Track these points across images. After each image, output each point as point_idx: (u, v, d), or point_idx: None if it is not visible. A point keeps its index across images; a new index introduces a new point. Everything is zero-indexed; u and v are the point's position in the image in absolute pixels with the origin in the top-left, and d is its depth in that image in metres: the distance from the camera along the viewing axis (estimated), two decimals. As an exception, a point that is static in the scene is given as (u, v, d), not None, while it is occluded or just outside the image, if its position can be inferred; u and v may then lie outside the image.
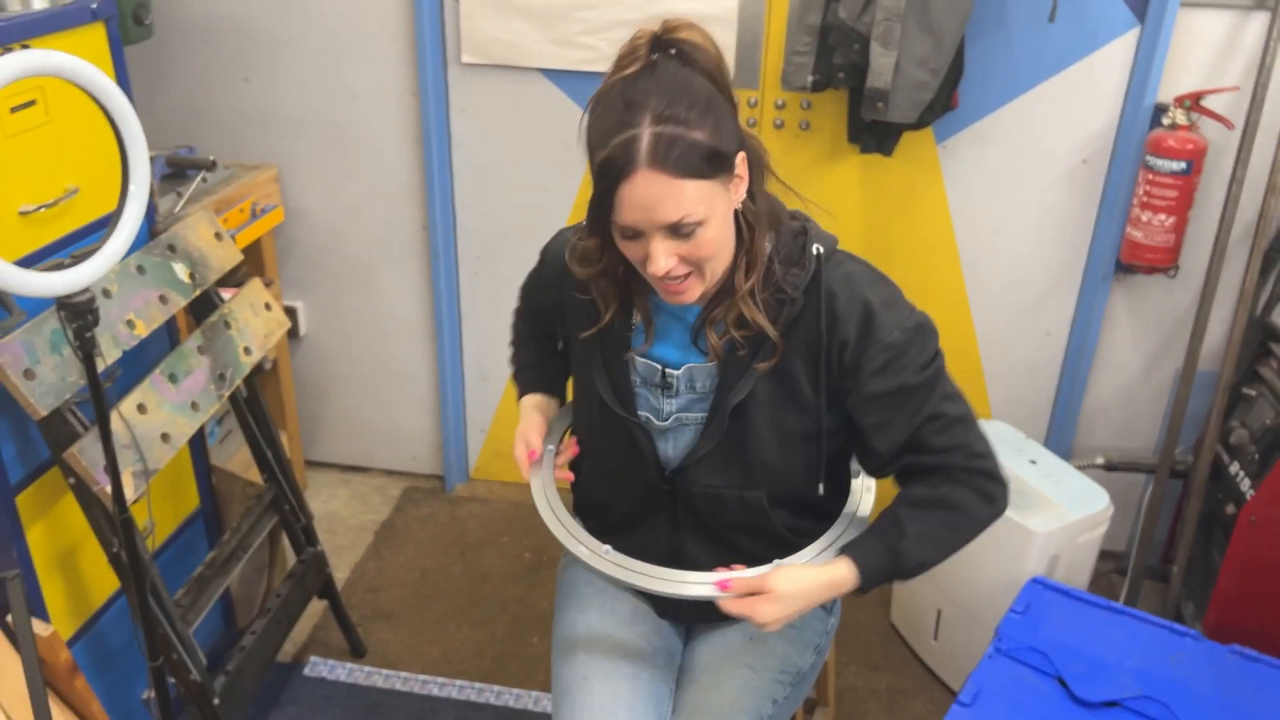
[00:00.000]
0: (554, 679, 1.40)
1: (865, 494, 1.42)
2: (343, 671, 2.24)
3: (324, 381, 2.84)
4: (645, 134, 1.11)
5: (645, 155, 1.11)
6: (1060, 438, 2.50)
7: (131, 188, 1.21)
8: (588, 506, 1.51)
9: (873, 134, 2.20)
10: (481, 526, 2.72)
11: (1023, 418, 2.49)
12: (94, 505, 1.56)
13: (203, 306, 1.90)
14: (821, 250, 1.28)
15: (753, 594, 1.21)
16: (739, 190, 1.22)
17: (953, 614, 2.16)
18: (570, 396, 1.53)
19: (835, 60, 2.12)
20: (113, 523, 1.54)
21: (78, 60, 1.12)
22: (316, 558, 2.15)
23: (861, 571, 1.24)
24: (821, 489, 1.37)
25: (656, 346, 1.34)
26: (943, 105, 2.14)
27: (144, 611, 1.52)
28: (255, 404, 2.01)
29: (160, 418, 1.64)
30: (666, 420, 1.34)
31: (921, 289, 2.42)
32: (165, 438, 1.64)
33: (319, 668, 2.25)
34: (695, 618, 1.47)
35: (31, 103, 1.53)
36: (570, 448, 1.44)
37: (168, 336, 1.92)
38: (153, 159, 2.20)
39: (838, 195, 2.37)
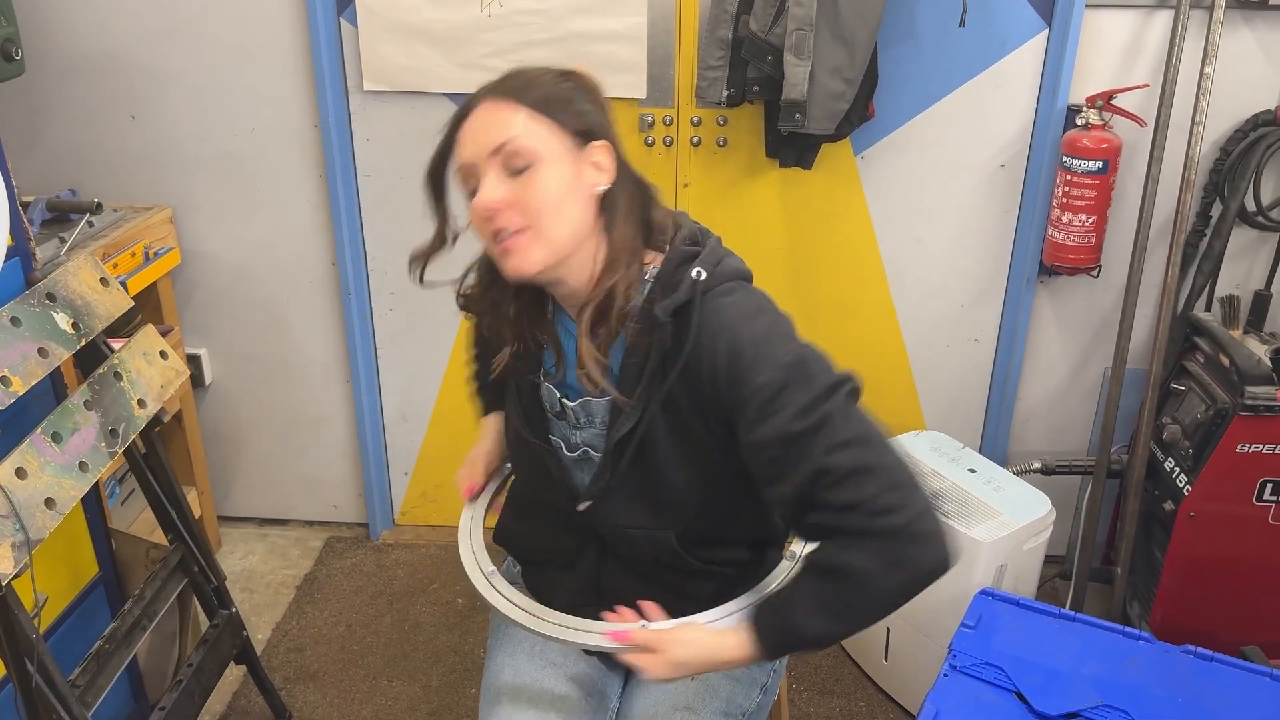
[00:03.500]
0: (483, 731, 1.30)
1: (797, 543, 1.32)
2: (266, 741, 2.10)
3: (234, 431, 2.68)
4: (492, 82, 1.16)
5: (487, 90, 1.14)
6: (994, 444, 2.48)
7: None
8: (508, 533, 1.44)
9: (791, 147, 2.16)
10: (410, 574, 2.59)
11: (956, 427, 2.47)
12: (-30, 583, 1.41)
13: (90, 358, 1.75)
14: (703, 275, 1.13)
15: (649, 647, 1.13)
16: (599, 178, 1.16)
17: (903, 632, 2.10)
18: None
19: (749, 74, 2.07)
20: (-7, 601, 1.39)
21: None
22: (231, 621, 2.01)
23: (760, 647, 1.11)
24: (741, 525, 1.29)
25: (569, 375, 1.25)
26: (859, 115, 2.11)
27: (26, 700, 1.37)
28: (155, 460, 1.87)
29: (43, 481, 1.50)
30: (575, 451, 1.27)
31: (848, 303, 2.39)
32: (50, 503, 1.49)
33: (239, 739, 2.10)
34: (635, 658, 1.38)
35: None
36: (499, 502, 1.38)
37: (53, 393, 1.78)
38: (31, 203, 2.06)
39: (759, 212, 2.32)
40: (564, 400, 1.25)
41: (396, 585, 2.56)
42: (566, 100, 1.14)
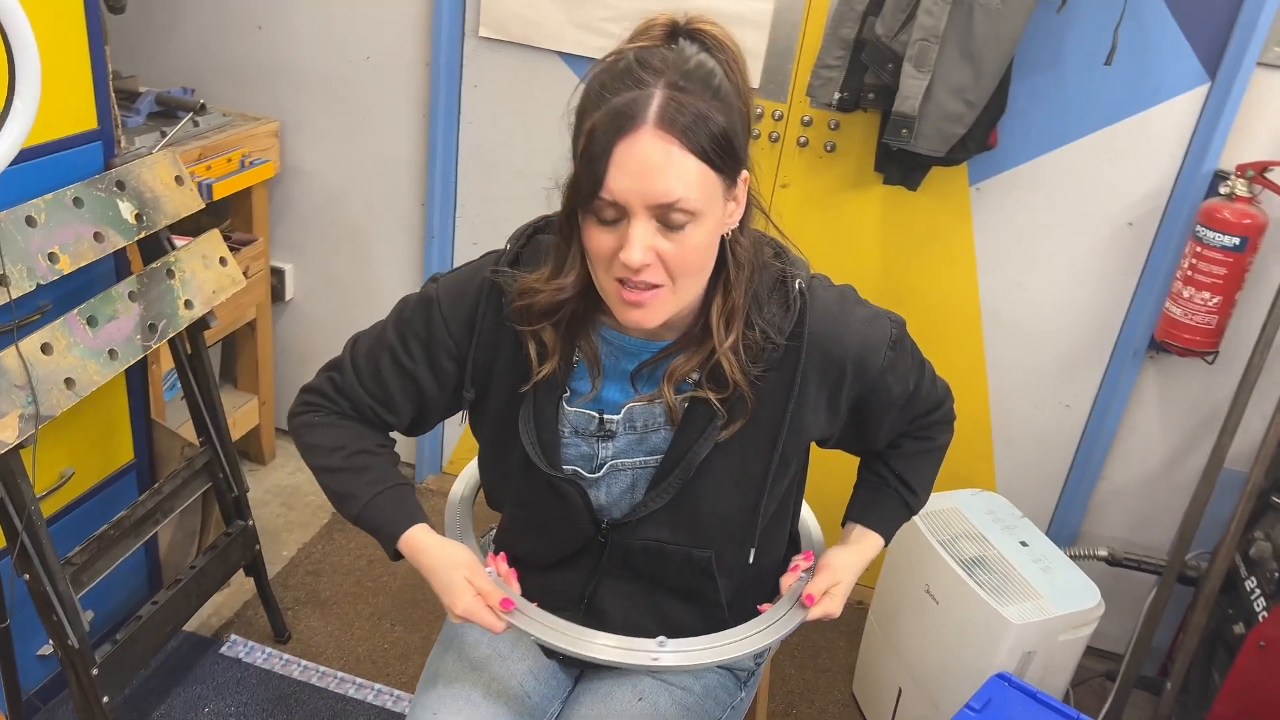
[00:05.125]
0: (409, 710, 1.25)
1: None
2: (260, 655, 2.12)
3: (305, 349, 2.73)
4: (658, 94, 0.96)
5: (655, 113, 0.95)
6: (1066, 520, 2.28)
7: (17, 104, 1.09)
8: (510, 558, 1.30)
9: (898, 164, 2.02)
10: (444, 523, 2.58)
11: (1028, 492, 2.29)
12: (-22, 444, 1.45)
13: (153, 251, 1.79)
14: (804, 286, 1.13)
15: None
16: (734, 214, 1.07)
17: (913, 695, 1.96)
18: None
19: (867, 79, 1.95)
20: (-6, 466, 1.43)
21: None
22: (245, 533, 2.03)
23: (887, 537, 1.30)
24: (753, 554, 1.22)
25: (607, 389, 1.17)
26: (978, 143, 1.96)
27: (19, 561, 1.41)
28: (198, 362, 1.90)
29: (67, 361, 1.53)
30: (600, 470, 1.18)
31: (935, 339, 2.24)
32: (69, 383, 1.52)
33: (237, 647, 2.13)
34: (589, 662, 1.30)
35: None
36: (503, 564, 1.18)
37: (115, 278, 1.82)
38: (143, 94, 2.12)
39: (856, 226, 2.19)
40: (604, 415, 1.16)
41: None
42: (733, 137, 1.00)
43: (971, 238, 2.15)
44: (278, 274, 2.60)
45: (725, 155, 0.99)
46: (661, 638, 1.13)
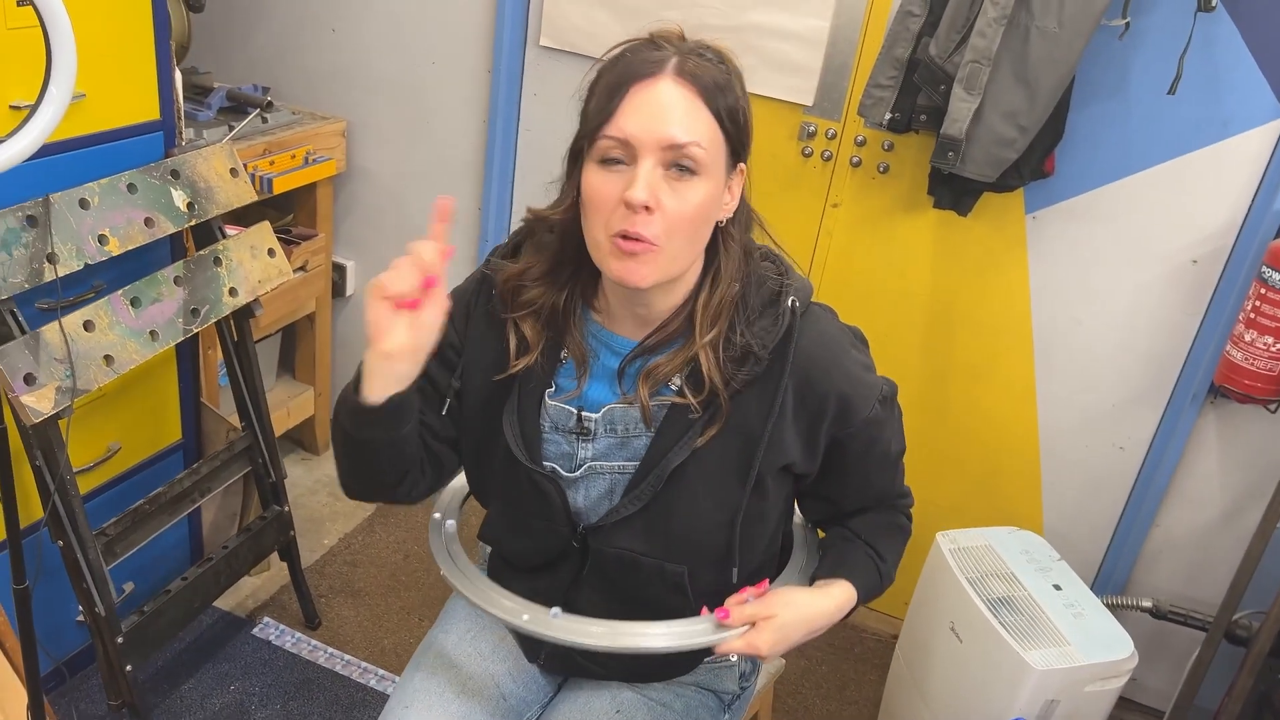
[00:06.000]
0: (388, 701, 1.26)
1: None
2: (289, 639, 2.17)
3: (363, 344, 2.78)
4: (675, 56, 1.02)
5: (674, 66, 1.01)
6: (1115, 567, 2.19)
7: (51, 89, 1.15)
8: (499, 558, 1.34)
9: (949, 188, 1.97)
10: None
11: (1078, 536, 2.20)
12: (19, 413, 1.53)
13: (205, 239, 1.86)
14: (798, 304, 1.11)
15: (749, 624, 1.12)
16: (729, 204, 1.09)
17: (933, 736, 1.90)
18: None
19: (919, 100, 1.91)
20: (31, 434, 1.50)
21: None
22: (280, 518, 2.09)
23: (860, 595, 1.20)
24: (735, 574, 1.18)
25: (592, 387, 1.16)
26: (1033, 170, 1.90)
27: (9, 526, 1.47)
28: (243, 349, 1.96)
29: (108, 339, 1.60)
30: (577, 470, 1.17)
31: (985, 370, 2.17)
32: (109, 360, 1.59)
33: (268, 630, 2.19)
34: (570, 669, 1.30)
35: None
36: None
37: (171, 262, 1.89)
38: (215, 90, 2.20)
39: (907, 250, 2.15)
40: (582, 413, 1.16)
41: (467, 532, 2.58)
42: (743, 114, 1.05)
43: (1026, 268, 2.09)
44: (339, 269, 2.67)
45: (735, 126, 1.04)
46: (557, 609, 1.12)
